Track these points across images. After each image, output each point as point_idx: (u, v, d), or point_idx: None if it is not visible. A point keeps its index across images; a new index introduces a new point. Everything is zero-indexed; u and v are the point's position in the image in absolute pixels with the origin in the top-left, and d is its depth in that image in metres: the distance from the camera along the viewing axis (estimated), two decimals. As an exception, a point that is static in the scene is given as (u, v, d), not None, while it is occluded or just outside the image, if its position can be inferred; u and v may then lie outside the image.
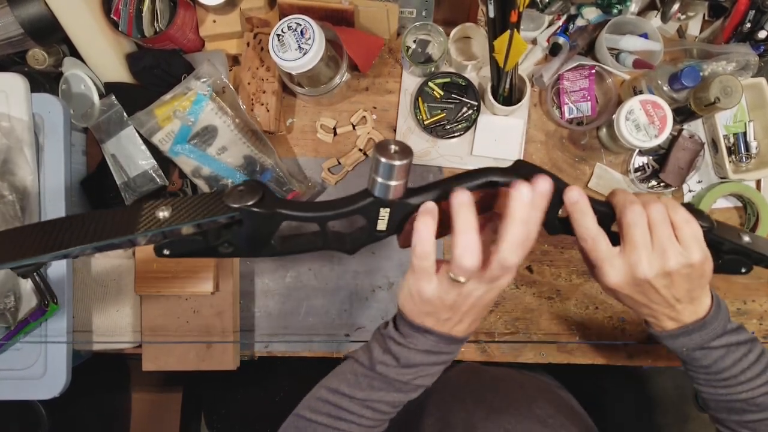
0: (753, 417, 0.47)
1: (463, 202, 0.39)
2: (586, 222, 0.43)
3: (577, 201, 0.43)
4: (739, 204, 0.78)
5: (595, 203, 0.45)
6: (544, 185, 0.39)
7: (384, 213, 0.43)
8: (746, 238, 0.49)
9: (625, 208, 0.44)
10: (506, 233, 0.38)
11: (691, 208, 0.46)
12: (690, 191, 0.78)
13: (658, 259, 0.43)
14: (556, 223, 0.47)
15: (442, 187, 0.43)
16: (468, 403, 0.64)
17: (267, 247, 0.45)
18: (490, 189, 0.43)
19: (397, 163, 0.38)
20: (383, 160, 0.38)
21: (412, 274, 0.42)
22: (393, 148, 0.39)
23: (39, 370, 0.68)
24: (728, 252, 0.49)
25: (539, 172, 0.43)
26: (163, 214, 0.41)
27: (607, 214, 0.46)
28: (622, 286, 0.45)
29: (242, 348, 0.78)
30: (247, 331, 0.78)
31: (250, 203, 0.40)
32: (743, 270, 0.50)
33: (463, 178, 0.42)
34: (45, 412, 1.03)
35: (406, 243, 0.46)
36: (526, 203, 0.38)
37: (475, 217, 0.39)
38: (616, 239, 0.46)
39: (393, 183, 0.40)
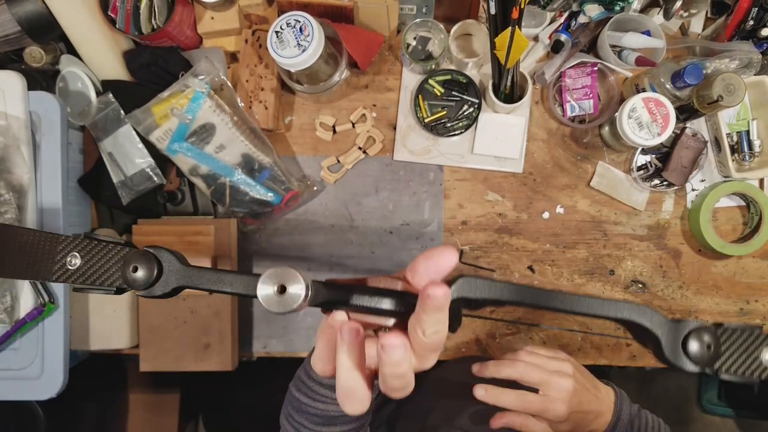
0: None
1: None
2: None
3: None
4: (743, 203, 0.77)
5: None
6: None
7: None
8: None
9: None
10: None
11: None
12: (693, 190, 0.77)
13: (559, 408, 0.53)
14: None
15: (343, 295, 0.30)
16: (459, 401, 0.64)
17: None
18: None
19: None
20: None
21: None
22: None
23: (36, 371, 0.67)
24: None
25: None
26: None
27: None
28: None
29: (240, 348, 0.77)
30: (245, 332, 0.78)
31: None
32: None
33: (369, 294, 0.30)
34: (42, 413, 1.03)
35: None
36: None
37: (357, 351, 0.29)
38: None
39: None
